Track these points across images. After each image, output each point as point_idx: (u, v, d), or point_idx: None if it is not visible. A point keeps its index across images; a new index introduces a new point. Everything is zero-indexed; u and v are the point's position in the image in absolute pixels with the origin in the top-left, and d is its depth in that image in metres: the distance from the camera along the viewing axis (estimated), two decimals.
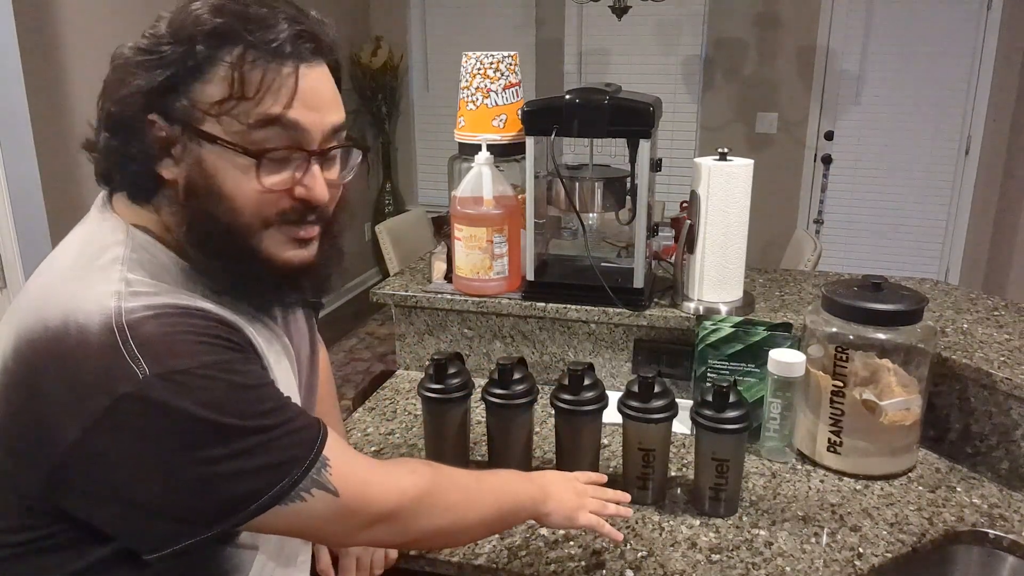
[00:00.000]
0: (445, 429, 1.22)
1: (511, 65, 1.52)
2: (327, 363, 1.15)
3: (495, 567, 1.05)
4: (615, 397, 1.16)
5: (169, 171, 0.74)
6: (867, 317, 1.20)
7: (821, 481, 1.24)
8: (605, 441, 1.31)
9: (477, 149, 1.46)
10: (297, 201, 0.75)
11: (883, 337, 1.21)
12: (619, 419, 1.16)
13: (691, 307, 1.47)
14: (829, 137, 4.16)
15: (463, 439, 1.25)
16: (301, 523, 0.73)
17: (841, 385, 1.23)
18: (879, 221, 4.22)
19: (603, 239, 1.67)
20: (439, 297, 1.57)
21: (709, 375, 1.35)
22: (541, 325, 1.56)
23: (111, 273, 0.71)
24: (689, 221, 1.45)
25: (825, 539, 1.10)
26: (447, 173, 1.63)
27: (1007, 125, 3.87)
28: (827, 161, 4.20)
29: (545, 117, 1.40)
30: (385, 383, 1.62)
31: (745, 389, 1.30)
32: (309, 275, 0.80)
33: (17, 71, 2.34)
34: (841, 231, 4.27)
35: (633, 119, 1.38)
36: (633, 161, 1.42)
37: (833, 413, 1.24)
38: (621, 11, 3.54)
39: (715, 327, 1.34)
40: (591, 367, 1.19)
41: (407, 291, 1.60)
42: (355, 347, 4.14)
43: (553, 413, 1.19)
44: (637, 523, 1.13)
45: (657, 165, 1.48)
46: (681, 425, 1.29)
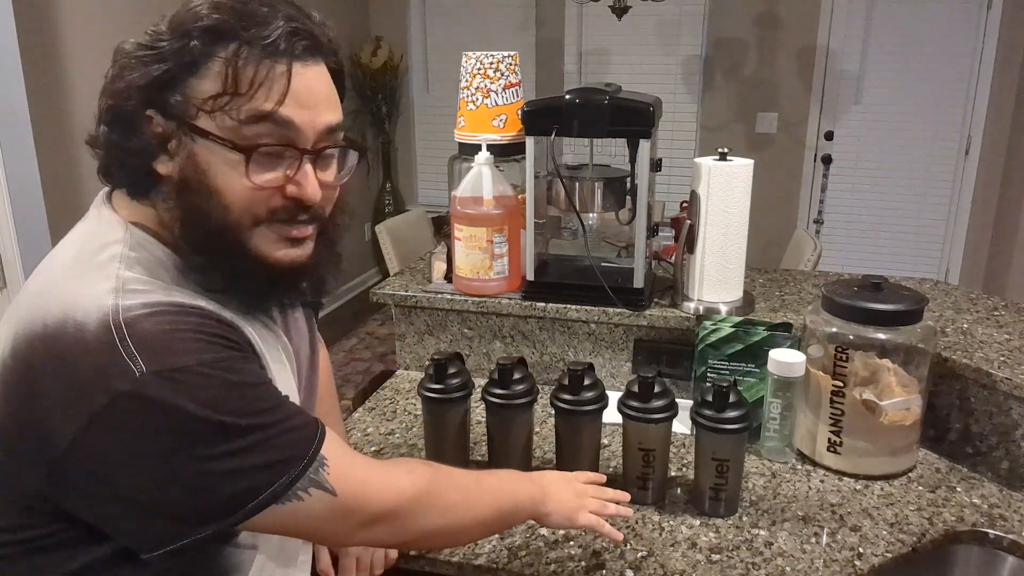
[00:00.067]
0: (445, 429, 1.22)
1: (511, 65, 1.52)
2: (327, 363, 1.15)
3: (495, 567, 1.05)
4: (615, 397, 1.16)
5: (165, 167, 0.74)
6: (867, 317, 1.21)
7: (821, 481, 1.24)
8: (605, 441, 1.31)
9: (477, 149, 1.46)
10: (289, 200, 0.75)
11: (883, 337, 1.21)
12: (619, 419, 1.16)
13: (691, 307, 1.47)
14: (829, 137, 4.16)
15: (463, 439, 1.25)
16: (298, 522, 0.73)
17: (841, 385, 1.23)
18: (879, 221, 4.22)
19: (603, 239, 1.67)
20: (439, 297, 1.57)
21: (709, 375, 1.35)
22: (541, 325, 1.56)
23: (109, 271, 0.71)
24: (689, 221, 1.45)
25: (825, 539, 1.10)
26: (447, 173, 1.62)
27: (1007, 125, 3.87)
28: (827, 161, 4.19)
29: (545, 117, 1.40)
30: (385, 383, 1.62)
31: (745, 389, 1.30)
32: (303, 275, 0.80)
33: (17, 71, 2.34)
34: (841, 231, 4.27)
35: (633, 119, 1.38)
36: (633, 161, 1.42)
37: (833, 413, 1.24)
38: (621, 11, 3.54)
39: (715, 327, 1.34)
40: (591, 367, 1.19)
41: (407, 291, 1.60)
42: (355, 347, 4.14)
43: (553, 413, 1.19)
44: (637, 523, 1.13)
45: (657, 165, 1.48)
46: (681, 425, 1.29)
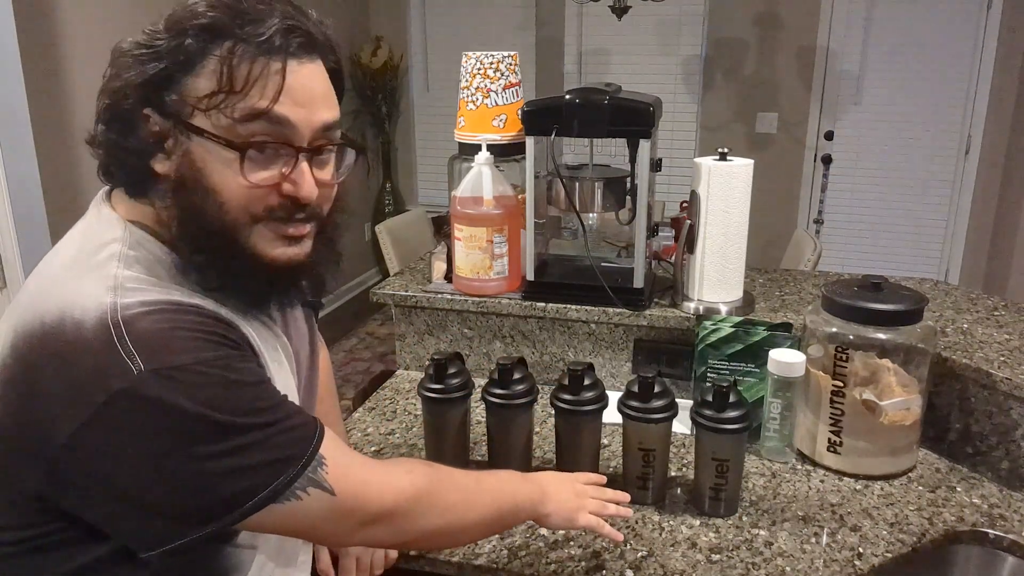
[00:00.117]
0: (445, 429, 1.22)
1: (511, 65, 1.52)
2: (327, 363, 1.14)
3: (495, 567, 1.05)
4: (615, 397, 1.16)
5: (162, 165, 0.74)
6: (867, 317, 1.20)
7: (821, 481, 1.24)
8: (605, 441, 1.31)
9: (477, 149, 1.46)
10: (285, 198, 0.75)
11: (883, 337, 1.21)
12: (619, 419, 1.16)
13: (691, 307, 1.47)
14: (829, 137, 4.16)
15: (463, 439, 1.25)
16: (297, 522, 0.72)
17: (841, 385, 1.23)
18: (879, 221, 4.22)
19: (603, 239, 1.67)
20: (439, 297, 1.57)
21: (709, 375, 1.34)
22: (541, 325, 1.56)
23: (107, 269, 0.71)
24: (689, 221, 1.45)
25: (825, 539, 1.10)
26: (447, 173, 1.62)
27: (1007, 125, 3.87)
28: (827, 161, 4.19)
29: (545, 117, 1.40)
30: (385, 383, 1.62)
31: (745, 389, 1.30)
32: (301, 274, 0.80)
33: (17, 71, 2.34)
34: (841, 231, 4.27)
35: (633, 119, 1.38)
36: (633, 161, 1.42)
37: (833, 413, 1.24)
38: (621, 11, 3.54)
39: (715, 327, 1.34)
40: (591, 367, 1.19)
41: (407, 291, 1.60)
42: (355, 347, 4.14)
43: (553, 413, 1.19)
44: (637, 523, 1.13)
45: (657, 165, 1.48)
46: (681, 425, 1.29)
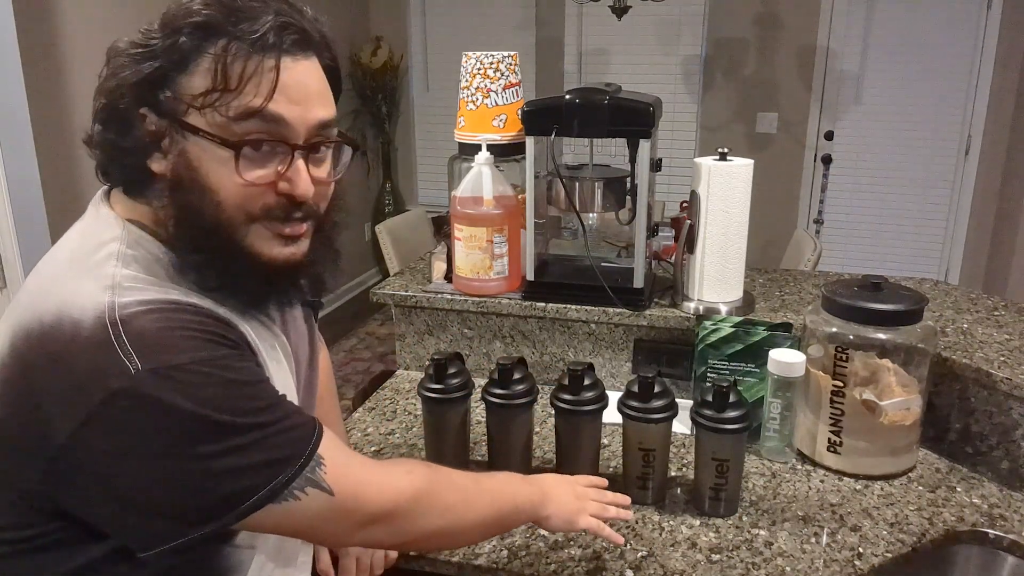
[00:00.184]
0: (445, 429, 1.22)
1: (511, 65, 1.52)
2: (327, 363, 1.14)
3: (495, 567, 1.05)
4: (615, 397, 1.16)
5: (159, 165, 0.73)
6: (867, 317, 1.20)
7: (821, 481, 1.24)
8: (605, 441, 1.31)
9: (477, 149, 1.46)
10: (281, 197, 0.75)
11: (883, 337, 1.21)
12: (619, 419, 1.16)
13: (691, 307, 1.47)
14: (829, 137, 4.16)
15: (463, 439, 1.25)
16: (295, 522, 0.72)
17: (841, 385, 1.23)
18: (879, 221, 4.22)
19: (603, 239, 1.67)
20: (439, 297, 1.57)
21: (709, 375, 1.34)
22: (541, 325, 1.56)
23: (106, 268, 0.71)
24: (689, 221, 1.45)
25: (825, 539, 1.10)
26: (447, 173, 1.62)
27: (1007, 125, 3.87)
28: (827, 161, 4.19)
29: (545, 117, 1.40)
30: (385, 383, 1.62)
31: (745, 389, 1.30)
32: (298, 273, 0.80)
33: (17, 71, 2.34)
34: (841, 231, 4.27)
35: (633, 119, 1.38)
36: (633, 161, 1.42)
37: (833, 413, 1.24)
38: (621, 11, 3.53)
39: (715, 327, 1.34)
40: (591, 367, 1.19)
41: (407, 291, 1.60)
42: (355, 347, 4.14)
43: (553, 413, 1.19)
44: (637, 523, 1.13)
45: (657, 165, 1.48)
46: (681, 425, 1.29)
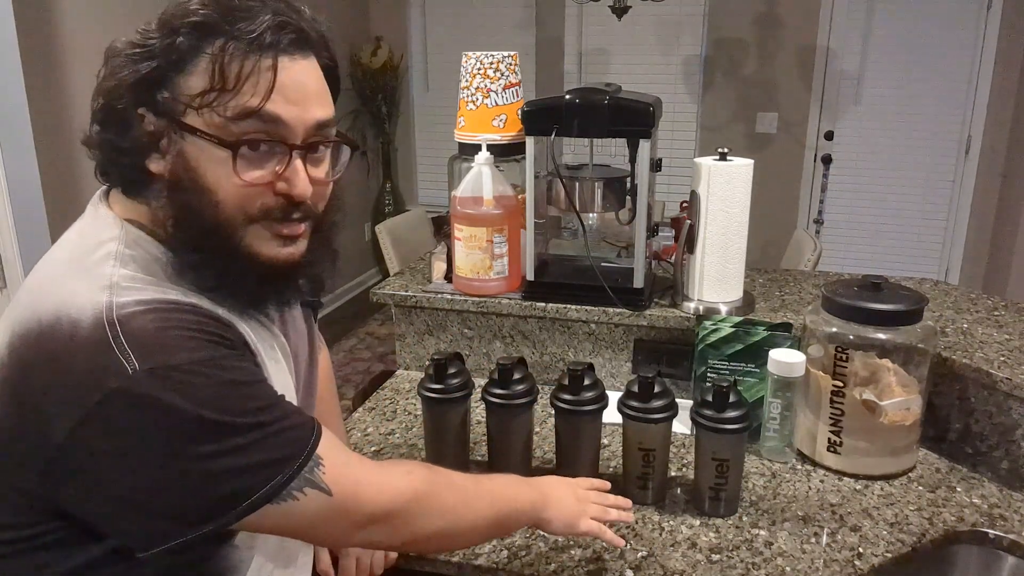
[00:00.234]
0: (445, 429, 1.22)
1: (511, 65, 1.52)
2: (328, 363, 1.14)
3: (495, 567, 1.05)
4: (615, 397, 1.16)
5: (157, 165, 0.73)
6: (867, 317, 1.20)
7: (821, 481, 1.24)
8: (605, 441, 1.31)
9: (477, 149, 1.46)
10: (279, 197, 0.75)
11: (883, 337, 1.21)
12: (619, 419, 1.16)
13: (691, 307, 1.47)
14: (829, 137, 4.16)
15: (463, 439, 1.25)
16: (293, 523, 0.72)
17: (841, 385, 1.23)
18: (879, 221, 4.22)
19: (603, 239, 1.67)
20: (439, 297, 1.57)
21: (709, 375, 1.34)
22: (541, 325, 1.56)
23: (104, 268, 0.70)
24: (689, 221, 1.45)
25: (825, 539, 1.10)
26: (447, 173, 1.62)
27: (1007, 125, 3.87)
28: (827, 161, 4.20)
29: (545, 117, 1.40)
30: (385, 383, 1.62)
31: (745, 389, 1.30)
32: (296, 273, 0.80)
33: (17, 71, 2.34)
34: (841, 231, 4.27)
35: (633, 119, 1.38)
36: (633, 161, 1.42)
37: (833, 413, 1.24)
38: (621, 11, 3.53)
39: (715, 327, 1.34)
40: (591, 367, 1.19)
41: (407, 291, 1.60)
42: (355, 347, 4.14)
43: (553, 413, 1.19)
44: (637, 523, 1.13)
45: (657, 165, 1.48)
46: (681, 425, 1.29)
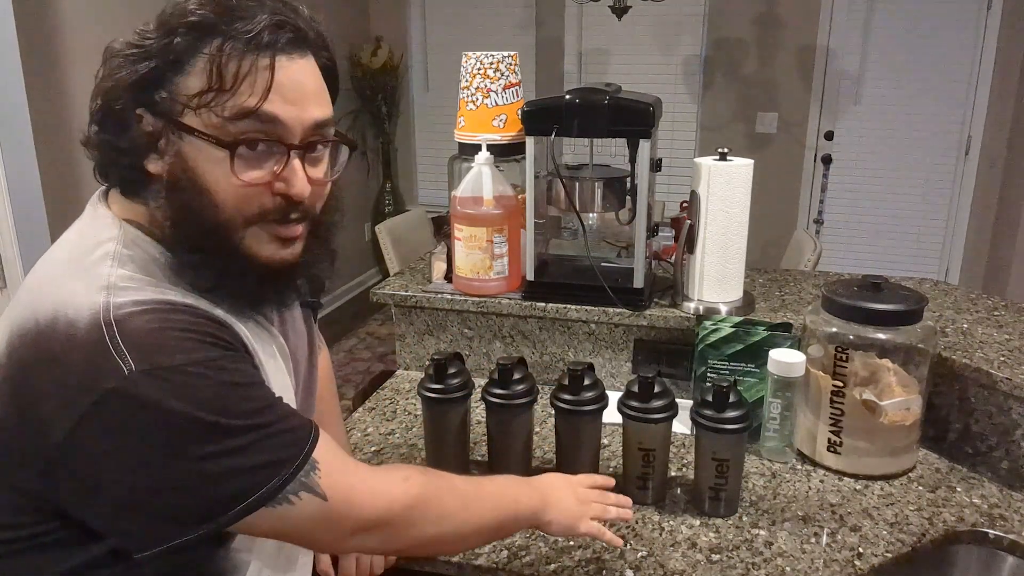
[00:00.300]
0: (445, 429, 1.22)
1: (511, 65, 1.52)
2: (328, 363, 1.14)
3: (495, 567, 1.05)
4: (615, 397, 1.16)
5: (155, 165, 0.73)
6: (867, 317, 1.20)
7: (821, 481, 1.24)
8: (605, 441, 1.31)
9: (477, 149, 1.46)
10: (278, 197, 0.74)
11: (883, 337, 1.21)
12: (619, 419, 1.16)
13: (691, 307, 1.47)
14: (829, 137, 4.16)
15: (463, 439, 1.25)
16: (288, 526, 0.72)
17: (841, 385, 1.23)
18: (879, 221, 4.22)
19: (603, 239, 1.67)
20: (439, 297, 1.57)
21: (709, 375, 1.34)
22: (541, 325, 1.56)
23: (101, 268, 0.70)
24: (689, 221, 1.45)
25: (825, 539, 1.10)
26: (447, 173, 1.62)
27: (1007, 125, 3.87)
28: (827, 161, 4.20)
29: (545, 117, 1.40)
30: (385, 383, 1.62)
31: (745, 389, 1.30)
32: (295, 274, 0.80)
33: (17, 71, 2.34)
34: (841, 231, 4.27)
35: (633, 119, 1.38)
36: (633, 161, 1.42)
37: (833, 413, 1.24)
38: (621, 11, 3.53)
39: (715, 327, 1.34)
40: (591, 367, 1.19)
41: (407, 291, 1.60)
42: (355, 347, 4.14)
43: (553, 413, 1.19)
44: (637, 523, 1.13)
45: (657, 165, 1.48)
46: (681, 425, 1.29)
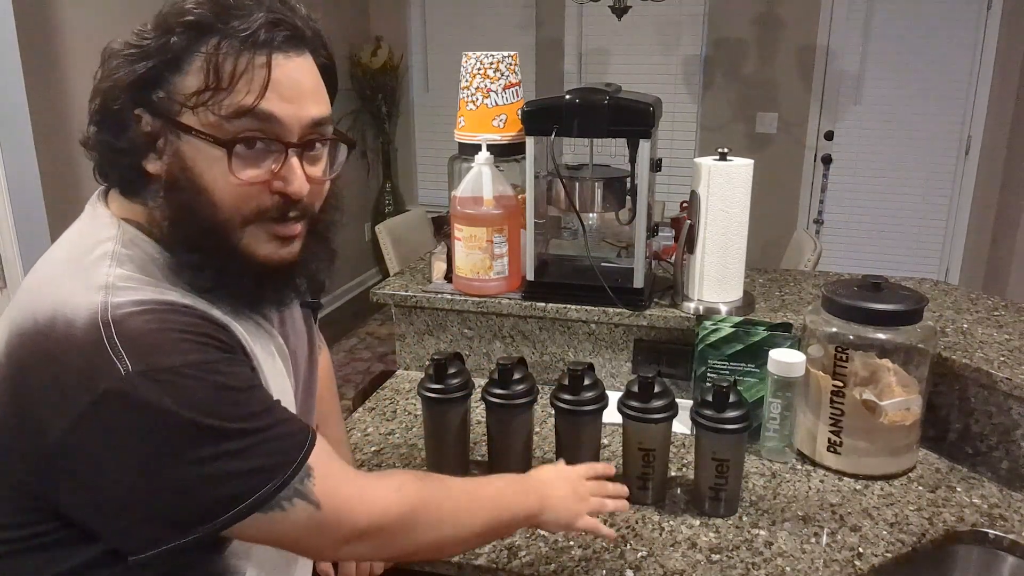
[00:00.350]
0: (445, 429, 1.22)
1: (511, 65, 1.52)
2: (328, 363, 1.14)
3: (495, 567, 1.05)
4: (615, 397, 1.16)
5: (154, 165, 0.73)
6: (867, 317, 1.20)
7: (821, 481, 1.24)
8: (605, 441, 1.31)
9: (477, 149, 1.46)
10: (276, 196, 0.74)
11: (883, 337, 1.21)
12: (619, 419, 1.16)
13: (691, 307, 1.47)
14: (829, 137, 4.16)
15: (463, 439, 1.25)
16: (280, 533, 0.71)
17: (841, 385, 1.23)
18: (879, 221, 4.21)
19: (603, 239, 1.67)
20: (439, 297, 1.57)
21: (709, 375, 1.34)
22: (541, 325, 1.56)
23: (100, 268, 0.70)
24: (689, 221, 1.45)
25: (825, 539, 1.10)
26: (447, 173, 1.62)
27: (1007, 125, 3.87)
28: (827, 161, 4.19)
29: (545, 117, 1.40)
30: (385, 383, 1.62)
31: (745, 389, 1.30)
32: (293, 274, 0.79)
33: (17, 71, 2.34)
34: (841, 231, 4.27)
35: (633, 119, 1.38)
36: (633, 161, 1.42)
37: (833, 413, 1.24)
38: (621, 11, 3.53)
39: (715, 327, 1.34)
40: (591, 367, 1.19)
41: (407, 291, 1.60)
42: (355, 347, 4.14)
43: (553, 413, 1.19)
44: (637, 523, 1.13)
45: (657, 165, 1.48)
46: (681, 425, 1.29)
